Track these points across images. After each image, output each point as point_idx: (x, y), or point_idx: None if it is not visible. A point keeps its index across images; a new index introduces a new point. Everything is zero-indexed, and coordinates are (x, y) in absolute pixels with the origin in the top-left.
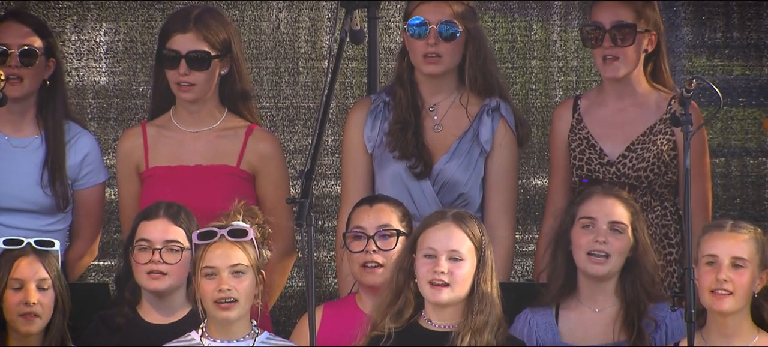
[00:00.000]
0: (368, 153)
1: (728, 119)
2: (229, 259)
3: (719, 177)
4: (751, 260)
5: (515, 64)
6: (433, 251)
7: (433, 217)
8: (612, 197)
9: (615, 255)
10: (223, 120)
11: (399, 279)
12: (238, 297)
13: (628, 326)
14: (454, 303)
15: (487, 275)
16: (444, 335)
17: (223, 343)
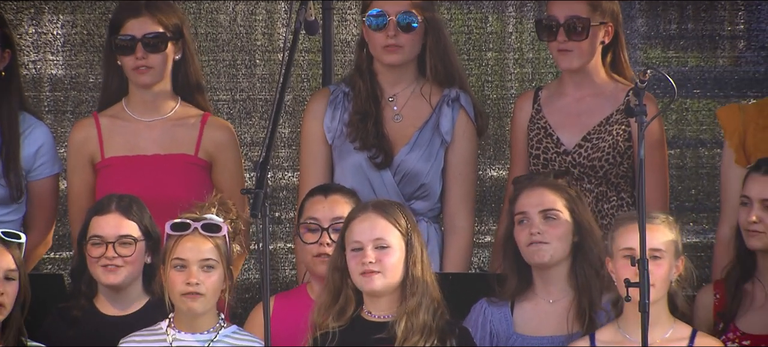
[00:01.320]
0: (328, 144)
1: (683, 111)
2: (200, 253)
3: (674, 168)
4: (667, 250)
5: (471, 56)
6: (359, 244)
7: (356, 211)
8: (540, 187)
9: (554, 241)
10: (177, 109)
11: (335, 278)
12: (205, 291)
13: (580, 316)
14: (388, 290)
15: (417, 259)
16: (384, 324)
17: (188, 335)
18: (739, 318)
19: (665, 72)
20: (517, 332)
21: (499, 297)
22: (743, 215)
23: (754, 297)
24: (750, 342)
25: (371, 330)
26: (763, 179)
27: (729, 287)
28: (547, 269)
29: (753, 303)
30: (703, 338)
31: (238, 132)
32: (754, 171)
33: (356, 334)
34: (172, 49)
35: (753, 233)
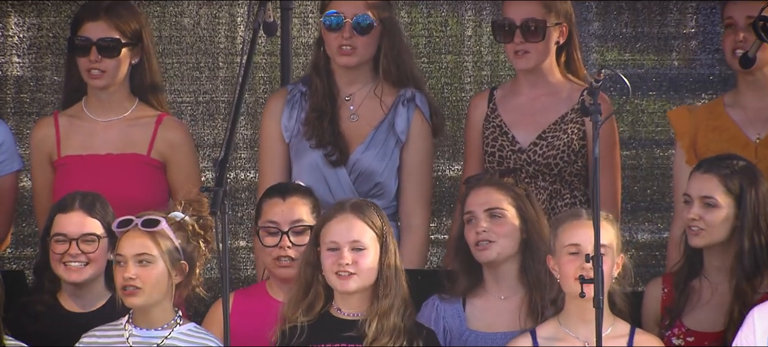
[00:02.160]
0: (285, 142)
1: (639, 112)
2: (135, 248)
3: (629, 169)
4: (610, 247)
5: (431, 59)
6: (335, 244)
7: (333, 210)
8: (486, 186)
9: (500, 239)
10: (134, 110)
11: (307, 273)
12: (142, 285)
13: (533, 313)
14: (361, 290)
15: (391, 260)
16: (353, 323)
17: (142, 331)
18: (686, 314)
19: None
20: (470, 328)
21: (450, 293)
22: (685, 213)
23: (701, 294)
24: (694, 339)
25: (340, 328)
26: (702, 177)
27: (677, 283)
28: (496, 266)
29: (699, 300)
30: (641, 335)
31: (201, 134)
32: (696, 170)
33: (325, 330)
34: (128, 54)
35: (693, 231)
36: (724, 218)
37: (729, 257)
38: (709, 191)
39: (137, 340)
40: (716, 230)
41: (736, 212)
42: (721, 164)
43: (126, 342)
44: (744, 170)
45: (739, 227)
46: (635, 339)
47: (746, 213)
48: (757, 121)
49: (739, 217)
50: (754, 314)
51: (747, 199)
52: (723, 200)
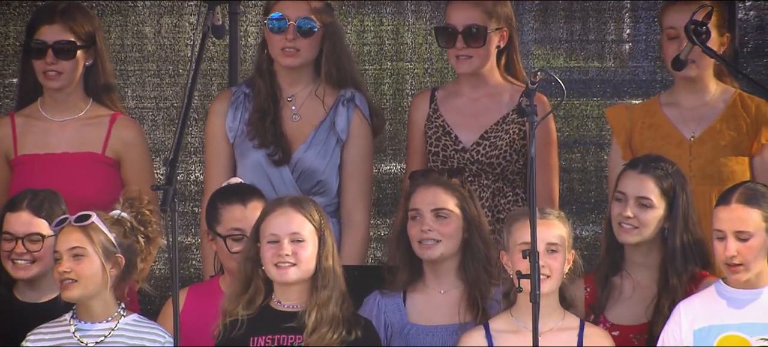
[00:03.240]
0: (230, 142)
1: (584, 117)
2: (67, 242)
3: (575, 171)
4: (561, 244)
5: (383, 65)
6: (275, 237)
7: (273, 205)
8: (434, 186)
9: (445, 239)
10: (88, 109)
11: (247, 268)
12: (76, 277)
13: (472, 306)
14: (300, 282)
15: (328, 253)
16: (293, 314)
17: (88, 324)
18: (609, 309)
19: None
20: (410, 322)
21: (390, 288)
22: (617, 210)
23: (623, 289)
24: (619, 333)
25: (280, 319)
26: (639, 177)
27: (598, 280)
28: (437, 263)
29: (621, 295)
30: (591, 329)
31: (162, 138)
32: (631, 168)
33: (265, 322)
34: (83, 55)
35: (626, 228)
36: (657, 218)
37: (652, 254)
38: (646, 192)
39: (84, 334)
40: (648, 229)
41: (667, 213)
42: (656, 167)
43: (73, 336)
44: (675, 173)
45: (669, 228)
46: (585, 332)
47: (678, 214)
48: (692, 120)
49: (669, 218)
50: (680, 309)
51: (679, 201)
52: (658, 202)
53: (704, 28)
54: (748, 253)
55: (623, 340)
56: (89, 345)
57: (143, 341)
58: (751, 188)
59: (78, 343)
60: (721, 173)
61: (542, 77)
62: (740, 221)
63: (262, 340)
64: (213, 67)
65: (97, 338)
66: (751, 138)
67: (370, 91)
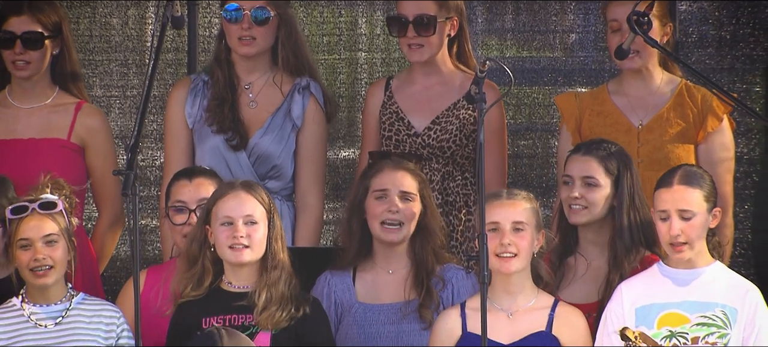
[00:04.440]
0: (189, 128)
1: (535, 105)
2: (41, 230)
3: (526, 157)
4: (528, 223)
5: (342, 55)
6: (229, 219)
7: (224, 188)
8: (402, 170)
9: (407, 222)
10: (55, 97)
11: (193, 249)
12: (53, 263)
13: (417, 285)
14: (252, 263)
15: (277, 234)
16: (243, 294)
17: (42, 307)
18: (563, 289)
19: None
20: (359, 300)
21: (340, 266)
22: (565, 193)
23: (577, 269)
24: None
25: (231, 299)
26: (582, 159)
27: (553, 261)
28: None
29: (575, 276)
30: (563, 307)
31: (129, 125)
32: (575, 153)
33: (216, 303)
34: (50, 45)
35: (575, 209)
36: (604, 197)
37: (603, 233)
38: (590, 171)
39: (40, 317)
40: (597, 208)
41: (614, 191)
42: (599, 147)
43: (28, 319)
44: (619, 153)
45: (617, 206)
46: (557, 311)
47: (624, 192)
48: (639, 108)
49: (616, 196)
50: (622, 288)
51: (624, 179)
52: (603, 180)
53: (646, 19)
54: (691, 232)
55: None
56: (48, 326)
57: (101, 319)
58: (690, 170)
59: (35, 326)
60: (668, 160)
61: (491, 66)
62: (684, 201)
63: (215, 320)
64: (178, 57)
65: (55, 319)
66: (697, 127)
67: (327, 80)
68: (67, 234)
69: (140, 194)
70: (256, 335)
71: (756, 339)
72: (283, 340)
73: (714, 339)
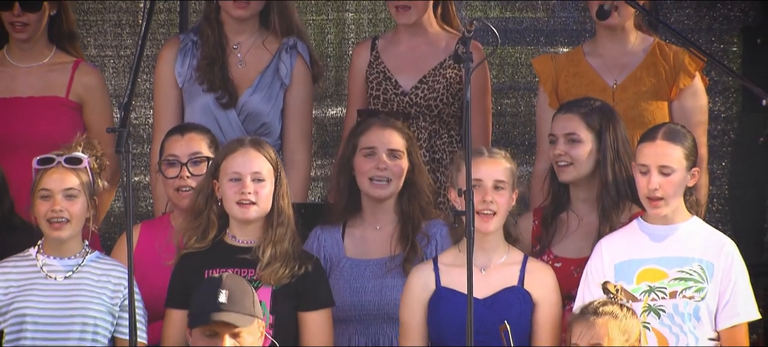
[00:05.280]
0: (178, 87)
1: (518, 64)
2: (63, 183)
3: (510, 116)
4: (507, 181)
5: (329, 16)
6: (238, 175)
7: (233, 144)
8: (389, 128)
9: (395, 179)
10: (52, 56)
11: (199, 202)
12: (69, 217)
13: (403, 240)
14: (259, 219)
15: (284, 192)
16: (247, 249)
17: (56, 260)
18: (556, 244)
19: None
20: (347, 256)
21: (330, 221)
22: (552, 151)
23: (568, 225)
24: (561, 264)
25: (234, 253)
26: (564, 117)
27: (545, 218)
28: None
29: (567, 231)
30: (533, 263)
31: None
32: (558, 112)
33: (219, 256)
34: (48, 6)
35: (561, 166)
36: (587, 153)
37: (593, 190)
38: (572, 128)
39: (51, 269)
40: (582, 164)
41: (598, 146)
42: (580, 104)
43: (40, 270)
44: (601, 108)
45: (601, 160)
46: (527, 266)
47: (607, 147)
48: (614, 68)
49: (600, 151)
50: (602, 244)
51: (606, 134)
52: (585, 136)
53: None
54: (669, 187)
55: (564, 272)
56: (58, 279)
57: (109, 279)
58: (674, 127)
59: (46, 277)
60: (643, 117)
61: (477, 26)
62: (664, 156)
63: (217, 272)
64: (170, 17)
65: (65, 273)
66: (670, 84)
67: (316, 40)
68: (88, 192)
69: (133, 151)
70: (257, 290)
71: (732, 292)
72: (283, 296)
73: (691, 293)
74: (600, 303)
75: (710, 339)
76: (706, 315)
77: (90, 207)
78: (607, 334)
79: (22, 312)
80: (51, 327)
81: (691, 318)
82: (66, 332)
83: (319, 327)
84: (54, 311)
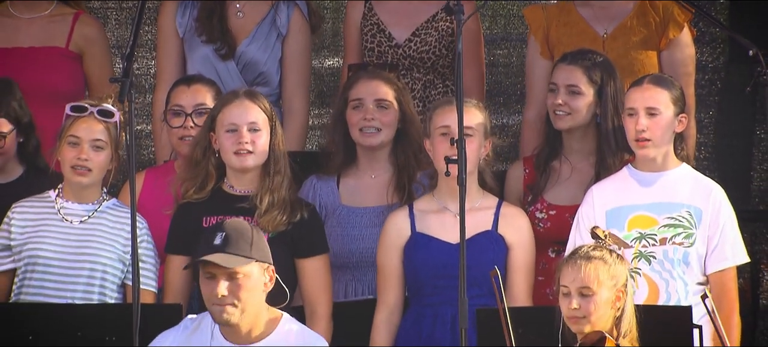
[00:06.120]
0: (180, 37)
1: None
2: (92, 133)
3: (502, 66)
4: (476, 130)
5: None
6: (234, 126)
7: (229, 96)
8: (376, 79)
9: (385, 128)
10: (54, 7)
11: (197, 153)
12: (93, 167)
13: (399, 189)
14: (256, 168)
15: (279, 140)
16: (245, 197)
17: (75, 204)
18: (547, 191)
19: None
20: (343, 203)
21: (326, 171)
22: (551, 100)
23: (561, 172)
24: (555, 213)
25: (232, 201)
26: (568, 67)
27: (538, 164)
28: (373, 149)
29: (559, 179)
30: (507, 207)
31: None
32: (561, 62)
33: (217, 204)
34: None
35: (559, 115)
36: (587, 105)
37: (586, 139)
38: (574, 80)
39: (68, 212)
40: (579, 114)
41: (597, 100)
42: (584, 57)
43: (57, 213)
44: (603, 63)
45: (601, 113)
46: (501, 210)
47: (607, 100)
48: (604, 18)
49: (600, 104)
50: (593, 191)
51: (607, 88)
52: (586, 89)
53: None
54: (656, 129)
55: (558, 219)
56: (73, 223)
57: (124, 226)
58: (661, 74)
59: (62, 220)
60: (633, 66)
61: None
62: (651, 99)
63: (214, 219)
64: None
65: (81, 217)
66: (660, 34)
67: None
68: (114, 144)
69: (136, 101)
70: None
71: (720, 237)
72: (280, 243)
73: (681, 239)
74: (590, 248)
75: (699, 283)
76: (696, 259)
77: (114, 159)
78: (597, 278)
79: (35, 253)
80: (60, 270)
81: (680, 263)
82: (75, 276)
83: (317, 272)
84: (65, 254)
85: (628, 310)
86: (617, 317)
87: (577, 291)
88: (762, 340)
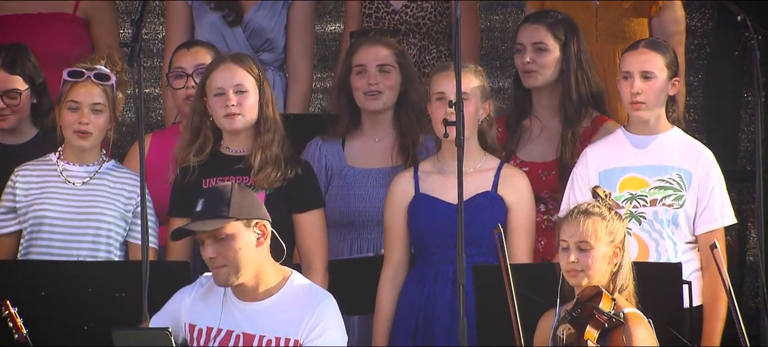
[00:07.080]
0: (189, 4)
1: None
2: (91, 97)
3: (498, 31)
4: (473, 94)
5: None
6: (221, 90)
7: (215, 62)
8: (377, 44)
9: (386, 91)
10: None
11: (195, 120)
12: (93, 130)
13: (403, 152)
14: (246, 128)
15: (268, 100)
16: (241, 158)
17: (75, 166)
18: (520, 149)
19: None
20: (349, 165)
21: (331, 135)
22: (519, 59)
23: (532, 130)
24: (528, 169)
25: (229, 163)
26: (532, 26)
27: (509, 124)
28: (376, 113)
29: (531, 136)
30: (508, 168)
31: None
32: (524, 23)
33: (216, 166)
34: None
35: (528, 73)
36: (554, 60)
37: (555, 96)
38: (539, 37)
39: (70, 174)
40: (547, 70)
41: (563, 55)
42: (546, 16)
43: (60, 175)
44: (565, 20)
45: (565, 69)
46: (501, 171)
47: (571, 56)
48: None
49: (564, 60)
50: (587, 152)
51: (571, 44)
52: (551, 45)
53: None
54: (650, 92)
55: (532, 175)
56: (75, 184)
57: (124, 186)
58: (655, 39)
59: (64, 182)
60: (624, 33)
61: None
62: (647, 63)
63: (214, 181)
64: None
65: (83, 179)
66: (651, 1)
67: None
68: (112, 106)
69: (144, 64)
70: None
71: (709, 198)
72: (277, 199)
73: (671, 200)
74: (589, 204)
75: (687, 243)
76: (684, 220)
77: (112, 120)
78: (595, 233)
79: (40, 214)
80: (66, 230)
81: (669, 224)
82: (81, 235)
83: (312, 226)
84: (70, 215)
85: (625, 266)
86: (614, 273)
87: (575, 245)
88: (749, 295)
